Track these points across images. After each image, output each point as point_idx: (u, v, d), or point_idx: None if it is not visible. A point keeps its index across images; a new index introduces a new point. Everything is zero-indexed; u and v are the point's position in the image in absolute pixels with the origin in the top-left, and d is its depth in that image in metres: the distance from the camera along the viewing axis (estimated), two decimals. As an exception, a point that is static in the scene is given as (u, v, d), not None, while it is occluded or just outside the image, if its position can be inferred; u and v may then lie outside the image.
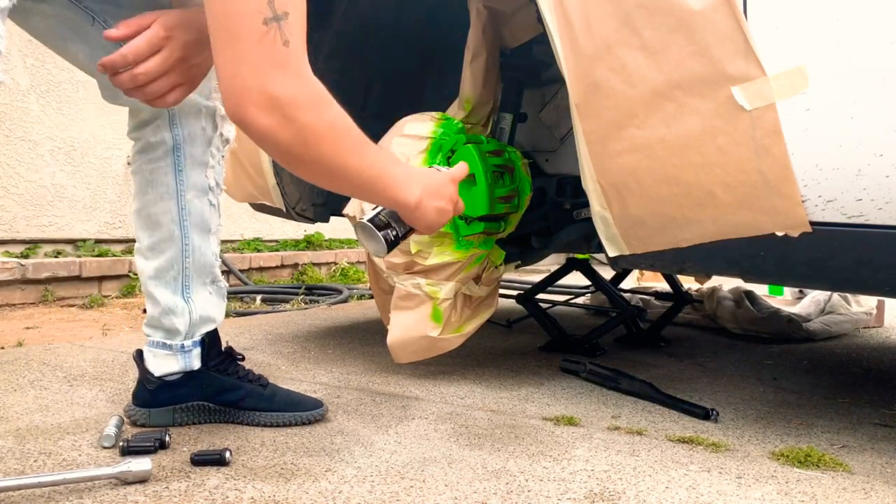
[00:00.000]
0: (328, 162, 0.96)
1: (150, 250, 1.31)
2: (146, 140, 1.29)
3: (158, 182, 1.29)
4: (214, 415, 1.36)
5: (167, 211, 1.29)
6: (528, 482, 1.12)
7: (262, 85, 0.88)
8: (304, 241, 4.47)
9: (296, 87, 0.91)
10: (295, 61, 0.91)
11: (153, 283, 1.32)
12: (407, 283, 1.69)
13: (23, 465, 1.12)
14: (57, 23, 1.19)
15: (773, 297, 2.96)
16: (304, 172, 1.00)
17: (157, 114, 1.27)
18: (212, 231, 1.34)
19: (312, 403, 1.40)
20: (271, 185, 2.08)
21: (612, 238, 1.50)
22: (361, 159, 0.99)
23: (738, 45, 1.23)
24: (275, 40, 0.89)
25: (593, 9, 1.36)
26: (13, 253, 3.17)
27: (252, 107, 0.89)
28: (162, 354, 1.32)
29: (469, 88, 1.76)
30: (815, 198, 1.24)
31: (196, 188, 1.31)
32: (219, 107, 1.32)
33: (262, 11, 0.88)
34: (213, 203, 1.34)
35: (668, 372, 1.95)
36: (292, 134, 0.91)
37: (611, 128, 1.39)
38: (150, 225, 1.30)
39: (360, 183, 1.01)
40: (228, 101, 0.91)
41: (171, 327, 1.32)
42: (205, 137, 1.31)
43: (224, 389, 1.35)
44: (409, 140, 1.68)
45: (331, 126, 0.95)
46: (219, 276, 1.37)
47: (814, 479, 1.19)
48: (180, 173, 1.29)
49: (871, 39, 1.16)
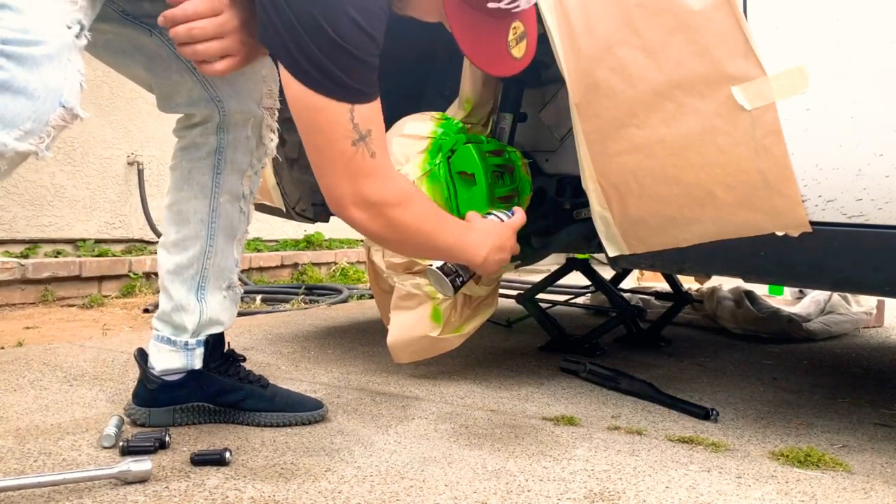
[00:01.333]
0: (414, 241, 1.17)
1: (174, 245, 1.33)
2: (191, 140, 1.32)
3: (195, 181, 1.31)
4: (215, 415, 1.36)
5: (198, 210, 1.31)
6: (528, 482, 1.12)
7: (356, 191, 1.07)
8: (304, 240, 4.47)
9: (384, 190, 1.09)
10: (382, 168, 1.08)
11: (170, 278, 1.33)
12: (407, 283, 1.69)
13: (23, 465, 1.12)
14: (115, 38, 1.22)
15: (773, 296, 2.96)
16: (395, 249, 1.32)
17: (208, 117, 1.29)
18: (237, 238, 1.36)
19: (313, 404, 1.40)
20: (271, 185, 2.08)
21: (612, 238, 1.50)
22: (440, 235, 1.19)
23: (738, 45, 1.23)
24: (364, 156, 1.05)
25: (593, 9, 1.36)
26: (13, 253, 3.17)
27: (351, 206, 1.08)
28: (166, 350, 1.33)
29: (469, 88, 1.76)
30: (815, 198, 1.24)
31: (230, 193, 1.33)
32: (266, 117, 1.34)
33: (349, 136, 1.04)
34: (243, 210, 1.35)
35: (668, 372, 1.95)
36: (382, 225, 1.11)
37: (611, 128, 1.39)
38: (180, 221, 1.32)
39: (440, 251, 1.23)
40: (330, 201, 1.09)
41: (180, 324, 1.33)
42: (248, 146, 1.33)
43: (225, 390, 1.35)
44: (409, 140, 1.68)
45: (414, 215, 1.14)
46: (235, 283, 1.38)
47: (814, 478, 1.19)
48: (218, 176, 1.31)
49: (871, 39, 1.16)
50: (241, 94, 1.29)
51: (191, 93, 1.28)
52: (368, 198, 1.07)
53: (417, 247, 1.20)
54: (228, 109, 1.29)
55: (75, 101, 0.96)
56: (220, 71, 1.10)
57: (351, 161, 1.04)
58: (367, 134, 1.05)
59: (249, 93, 1.30)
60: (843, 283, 1.44)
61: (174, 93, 1.28)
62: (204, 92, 1.28)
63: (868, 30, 1.16)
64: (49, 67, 0.92)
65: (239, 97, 1.29)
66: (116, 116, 3.60)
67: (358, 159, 1.05)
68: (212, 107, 1.29)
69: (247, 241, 1.44)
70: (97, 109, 3.51)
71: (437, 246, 1.20)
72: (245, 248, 1.43)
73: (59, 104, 0.94)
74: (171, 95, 1.29)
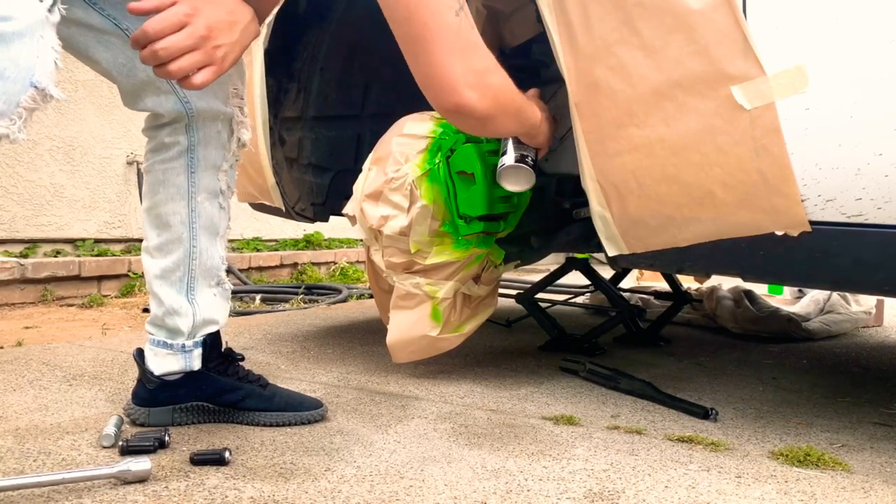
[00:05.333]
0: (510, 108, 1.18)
1: (157, 250, 1.31)
2: (160, 140, 1.29)
3: (170, 182, 1.29)
4: (214, 415, 1.36)
5: (177, 212, 1.29)
6: (528, 481, 1.12)
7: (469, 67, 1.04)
8: (304, 240, 4.47)
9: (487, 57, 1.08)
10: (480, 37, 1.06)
11: (158, 283, 1.31)
12: (406, 283, 1.69)
13: (22, 465, 1.12)
14: (80, 31, 1.20)
15: (773, 296, 2.95)
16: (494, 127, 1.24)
17: (175, 117, 1.27)
18: (220, 234, 1.34)
19: (312, 403, 1.40)
20: (271, 184, 2.08)
21: (612, 237, 1.50)
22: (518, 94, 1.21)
23: (738, 45, 1.22)
24: (468, 27, 1.04)
25: (593, 8, 1.36)
26: (12, 252, 3.17)
27: (465, 89, 1.04)
28: (163, 353, 1.32)
29: (469, 88, 1.76)
30: (814, 197, 1.24)
31: (207, 191, 1.31)
32: (236, 113, 1.31)
33: (452, 6, 1.02)
34: (222, 206, 1.34)
35: (668, 371, 1.95)
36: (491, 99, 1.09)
37: (610, 127, 1.39)
38: (160, 224, 1.30)
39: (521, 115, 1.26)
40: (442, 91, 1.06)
41: (175, 327, 1.32)
42: (220, 141, 1.31)
43: (224, 390, 1.35)
44: (408, 139, 1.68)
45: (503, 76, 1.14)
46: (224, 279, 1.37)
47: (813, 478, 1.19)
48: (193, 175, 1.29)
49: (871, 39, 1.16)
50: (207, 94, 1.26)
51: (157, 92, 1.24)
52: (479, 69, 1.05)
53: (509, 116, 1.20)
54: (196, 108, 1.26)
55: (48, 81, 0.90)
56: (200, 85, 1.05)
57: (459, 33, 1.02)
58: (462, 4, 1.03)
59: (215, 93, 1.27)
60: (842, 283, 1.44)
61: (140, 91, 1.25)
62: (171, 92, 1.25)
63: (868, 29, 1.16)
64: (19, 45, 0.87)
65: (206, 97, 1.27)
66: (115, 116, 3.59)
67: (465, 30, 1.03)
68: (179, 107, 1.26)
69: (246, 240, 1.43)
70: (96, 109, 3.51)
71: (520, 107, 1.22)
72: (245, 247, 1.42)
73: (30, 84, 0.89)
74: (138, 94, 1.25)
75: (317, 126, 2.21)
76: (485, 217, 1.66)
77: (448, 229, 1.65)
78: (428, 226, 1.64)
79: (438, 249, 1.66)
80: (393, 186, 1.63)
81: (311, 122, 2.19)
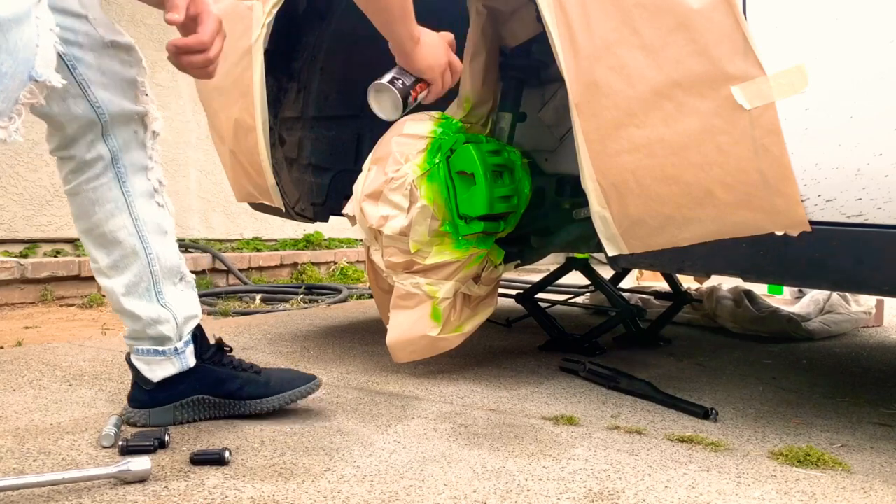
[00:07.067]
0: None
1: (111, 269, 1.28)
2: (80, 158, 1.24)
3: (105, 199, 1.25)
4: (215, 408, 1.36)
5: (123, 226, 1.26)
6: (528, 481, 1.12)
7: None
8: (304, 240, 4.47)
9: None
10: None
11: (127, 300, 1.28)
12: (406, 283, 1.69)
13: (22, 465, 1.12)
14: None
15: (773, 296, 2.96)
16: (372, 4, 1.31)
17: (86, 129, 1.22)
18: (168, 232, 1.31)
19: (306, 378, 1.41)
20: (270, 184, 2.08)
21: (612, 237, 1.50)
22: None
23: (738, 45, 1.23)
24: None
25: (593, 8, 1.36)
26: (12, 252, 3.17)
27: None
28: (157, 360, 1.31)
29: (468, 88, 1.76)
30: (814, 197, 1.24)
31: (143, 194, 1.28)
32: (148, 110, 1.28)
33: None
34: (161, 204, 1.31)
35: (668, 371, 1.95)
36: None
37: (610, 127, 1.39)
38: (107, 243, 1.27)
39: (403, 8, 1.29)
40: None
41: (159, 336, 1.30)
42: (139, 141, 1.27)
43: (222, 380, 1.35)
44: (408, 139, 1.68)
45: None
46: (185, 272, 1.35)
47: (813, 478, 1.19)
48: (124, 184, 1.25)
49: (871, 39, 1.16)
50: (118, 96, 1.23)
51: (65, 95, 1.17)
52: None
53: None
54: (109, 113, 1.22)
55: (49, 71, 0.83)
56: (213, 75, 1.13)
57: None
58: None
59: (125, 93, 1.24)
60: (842, 283, 1.44)
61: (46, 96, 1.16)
62: (82, 95, 1.19)
63: (868, 29, 1.16)
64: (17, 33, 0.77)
65: (117, 99, 1.23)
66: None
67: None
68: (91, 112, 1.20)
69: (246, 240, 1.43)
70: (96, 109, 3.51)
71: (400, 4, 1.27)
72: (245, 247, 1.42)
73: (28, 78, 0.81)
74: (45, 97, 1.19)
75: (317, 126, 2.21)
76: (485, 217, 1.66)
77: (448, 229, 1.65)
78: (428, 226, 1.64)
79: (438, 249, 1.66)
80: (393, 186, 1.64)
81: (311, 122, 2.19)
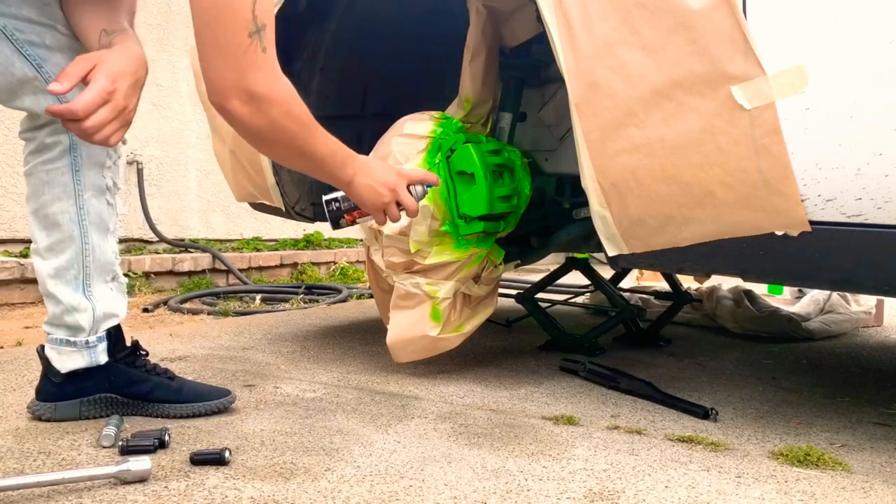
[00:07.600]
0: (289, 144, 1.17)
1: (48, 250, 1.31)
2: (41, 141, 1.28)
3: (55, 182, 1.28)
4: (122, 407, 1.37)
5: (66, 211, 1.29)
6: (528, 481, 1.12)
7: (243, 83, 1.07)
8: (304, 240, 4.47)
9: (271, 85, 1.10)
10: (270, 64, 1.10)
11: (53, 283, 1.31)
12: (406, 283, 1.69)
13: (22, 465, 1.12)
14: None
15: (773, 296, 2.95)
16: (268, 150, 1.26)
17: (54, 119, 1.24)
18: (110, 230, 1.34)
19: (219, 393, 1.42)
20: (270, 184, 2.08)
21: (612, 237, 1.50)
22: (316, 143, 1.20)
23: (738, 45, 1.23)
24: (256, 49, 1.07)
25: (593, 8, 1.36)
26: (12, 252, 3.17)
27: (234, 99, 1.08)
28: (67, 351, 1.32)
29: (468, 88, 1.76)
30: (814, 197, 1.24)
31: (94, 188, 1.31)
32: None
33: (248, 27, 1.06)
34: (110, 203, 1.34)
35: (668, 371, 1.95)
36: (265, 122, 1.11)
37: (610, 127, 1.39)
38: (49, 225, 1.30)
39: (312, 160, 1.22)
40: (212, 93, 1.08)
41: (75, 324, 1.32)
42: None
43: (133, 381, 1.36)
44: (408, 139, 1.68)
45: (295, 118, 1.15)
46: (119, 273, 1.38)
47: (813, 478, 1.19)
48: (77, 173, 1.29)
49: (871, 39, 1.16)
50: None
51: (35, 90, 1.21)
52: (254, 91, 1.07)
53: (291, 151, 1.19)
54: None
55: None
56: (113, 143, 1.12)
57: (244, 53, 1.06)
58: (262, 27, 1.07)
59: None
60: (842, 283, 1.44)
61: (18, 89, 1.22)
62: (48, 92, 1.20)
63: (867, 29, 1.16)
64: None
65: None
66: (116, 116, 3.59)
67: (251, 52, 1.06)
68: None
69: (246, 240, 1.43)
70: (96, 109, 3.50)
71: (311, 152, 1.20)
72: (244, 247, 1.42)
73: None
74: (15, 92, 1.22)
75: (317, 126, 2.21)
76: (485, 217, 1.66)
77: (448, 229, 1.66)
78: (428, 225, 1.64)
79: (438, 249, 1.66)
80: (393, 186, 1.63)
81: (311, 122, 2.19)
